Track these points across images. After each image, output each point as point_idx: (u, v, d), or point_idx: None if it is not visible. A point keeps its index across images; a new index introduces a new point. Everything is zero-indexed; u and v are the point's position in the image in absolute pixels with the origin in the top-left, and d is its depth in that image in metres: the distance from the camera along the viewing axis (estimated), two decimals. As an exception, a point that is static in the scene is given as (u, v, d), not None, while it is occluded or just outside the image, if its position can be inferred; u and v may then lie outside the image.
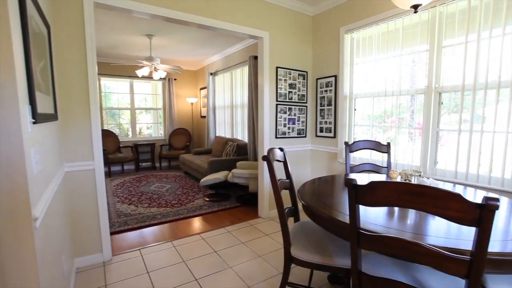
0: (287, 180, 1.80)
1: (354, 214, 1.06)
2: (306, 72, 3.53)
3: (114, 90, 6.36)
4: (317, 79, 3.50)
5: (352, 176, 2.21)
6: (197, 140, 7.33)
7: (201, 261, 2.37)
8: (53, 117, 1.63)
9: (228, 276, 2.15)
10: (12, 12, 0.99)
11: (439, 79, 2.34)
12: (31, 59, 1.13)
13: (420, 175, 1.74)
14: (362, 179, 2.04)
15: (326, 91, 3.38)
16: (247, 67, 4.81)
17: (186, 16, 2.56)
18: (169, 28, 4.06)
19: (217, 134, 6.21)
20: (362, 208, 1.37)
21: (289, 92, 3.40)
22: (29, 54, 1.10)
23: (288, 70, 3.36)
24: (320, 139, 3.54)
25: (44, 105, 1.38)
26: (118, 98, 6.43)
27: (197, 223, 3.24)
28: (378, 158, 2.87)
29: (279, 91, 3.31)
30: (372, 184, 0.99)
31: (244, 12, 2.94)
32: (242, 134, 5.32)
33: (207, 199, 4.08)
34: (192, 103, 7.13)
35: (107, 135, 5.79)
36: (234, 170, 3.82)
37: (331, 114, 3.34)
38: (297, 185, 3.37)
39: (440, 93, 2.35)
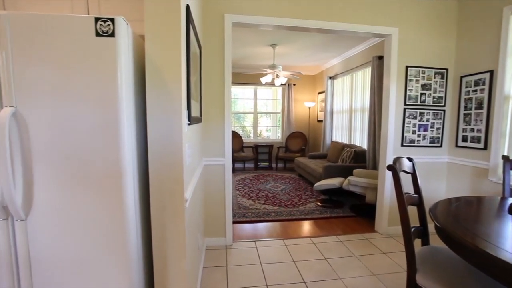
0: (415, 195, 1.57)
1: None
2: (446, 69, 2.96)
3: (240, 96, 7.24)
4: (461, 77, 2.87)
5: (514, 201, 1.69)
6: (312, 144, 7.38)
7: (310, 265, 2.38)
8: (199, 120, 2.04)
9: None
10: (182, 41, 1.30)
11: None
12: (190, 74, 1.45)
13: None
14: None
15: (475, 91, 2.73)
16: (369, 68, 4.47)
17: (307, 23, 2.63)
18: (291, 37, 4.28)
19: (334, 139, 6.05)
20: (529, 245, 1.03)
21: (422, 94, 2.94)
22: (189, 71, 1.43)
23: (421, 69, 2.91)
24: (462, 150, 2.88)
25: (194, 110, 1.75)
26: (244, 103, 7.28)
27: (308, 226, 3.26)
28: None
29: (408, 93, 2.91)
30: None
31: (369, 10, 2.75)
32: (360, 140, 4.98)
33: (319, 204, 4.04)
34: (309, 107, 7.24)
35: (233, 136, 6.66)
36: (350, 178, 3.63)
37: (481, 120, 2.67)
38: (427, 203, 2.87)
39: None
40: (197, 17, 2.05)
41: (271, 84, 6.91)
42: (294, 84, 7.16)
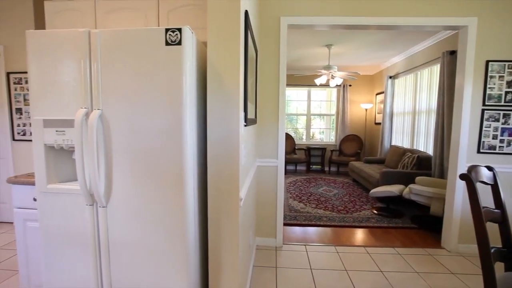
0: (496, 210, 1.36)
1: None
2: (542, 63, 2.50)
3: (294, 98, 7.20)
4: None
5: None
6: (368, 148, 6.95)
7: (364, 276, 2.24)
8: (254, 121, 2.09)
9: (397, 304, 1.91)
10: (241, 46, 1.36)
11: None
12: (247, 77, 1.50)
13: None
14: None
15: None
16: (437, 65, 4.03)
17: (366, 20, 2.49)
18: (348, 36, 4.10)
19: (393, 143, 5.61)
20: None
21: (507, 92, 2.54)
22: (247, 75, 1.48)
23: (507, 63, 2.51)
24: (562, 160, 2.40)
25: (250, 112, 1.80)
26: (297, 105, 7.22)
27: (362, 234, 3.08)
28: None
29: (488, 92, 2.54)
30: None
31: (438, 0, 2.48)
32: (424, 145, 4.52)
33: (375, 211, 3.78)
34: (366, 109, 6.84)
35: (286, 137, 6.63)
36: (412, 186, 3.32)
37: None
38: None
39: None
40: (254, 21, 2.11)
41: (326, 85, 6.72)
42: (350, 85, 6.85)
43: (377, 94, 6.58)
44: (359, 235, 3.07)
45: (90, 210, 1.33)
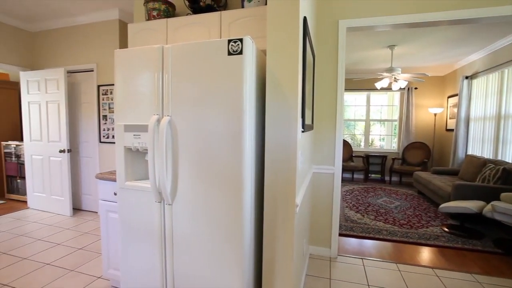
0: None
1: None
2: None
3: (351, 103, 6.87)
4: None
5: None
6: (437, 157, 6.23)
7: (433, 300, 2.00)
8: (311, 127, 2.07)
9: (474, 338, 1.65)
10: (299, 53, 1.37)
11: None
12: (305, 84, 1.50)
13: None
14: None
15: None
16: (532, 62, 3.42)
17: (435, 16, 2.26)
18: (413, 35, 3.78)
19: (469, 152, 4.93)
20: None
21: None
22: (304, 82, 1.48)
23: None
24: None
25: (307, 118, 1.79)
26: (355, 110, 6.88)
27: (429, 254, 2.76)
28: None
29: None
30: None
31: (537, -12, 2.11)
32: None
33: (446, 229, 3.36)
34: (435, 114, 6.15)
35: (343, 144, 6.38)
36: (495, 203, 2.86)
37: None
38: None
39: None
40: (312, 26, 2.09)
41: (388, 89, 6.26)
42: (415, 88, 6.25)
43: (449, 97, 5.87)
44: (426, 254, 2.76)
45: (158, 207, 1.47)
